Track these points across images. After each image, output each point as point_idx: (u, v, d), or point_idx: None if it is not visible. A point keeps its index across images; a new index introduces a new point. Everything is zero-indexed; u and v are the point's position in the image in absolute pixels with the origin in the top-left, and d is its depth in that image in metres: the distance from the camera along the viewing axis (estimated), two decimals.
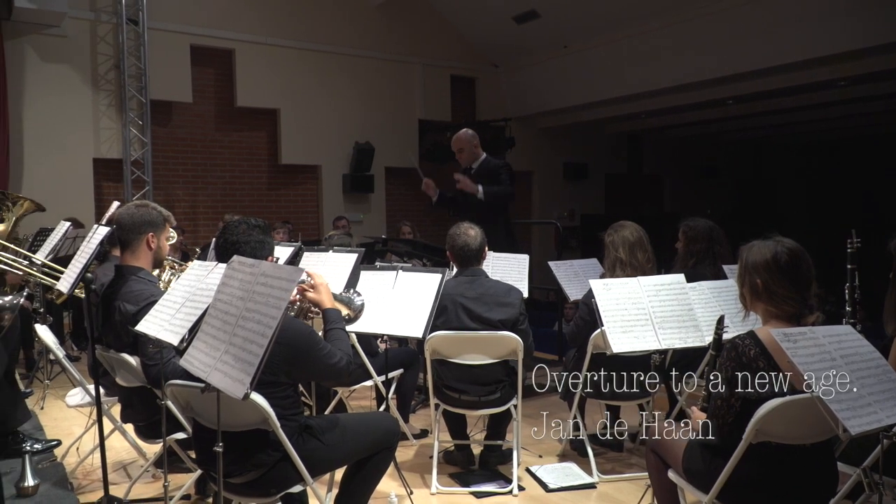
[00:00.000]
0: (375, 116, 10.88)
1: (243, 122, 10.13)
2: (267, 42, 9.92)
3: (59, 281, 3.34)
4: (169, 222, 3.27)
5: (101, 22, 8.80)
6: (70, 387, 4.54)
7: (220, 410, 2.10)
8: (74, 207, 7.77)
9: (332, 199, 10.73)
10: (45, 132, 8.40)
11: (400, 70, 11.20)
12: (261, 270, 2.03)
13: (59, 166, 8.43)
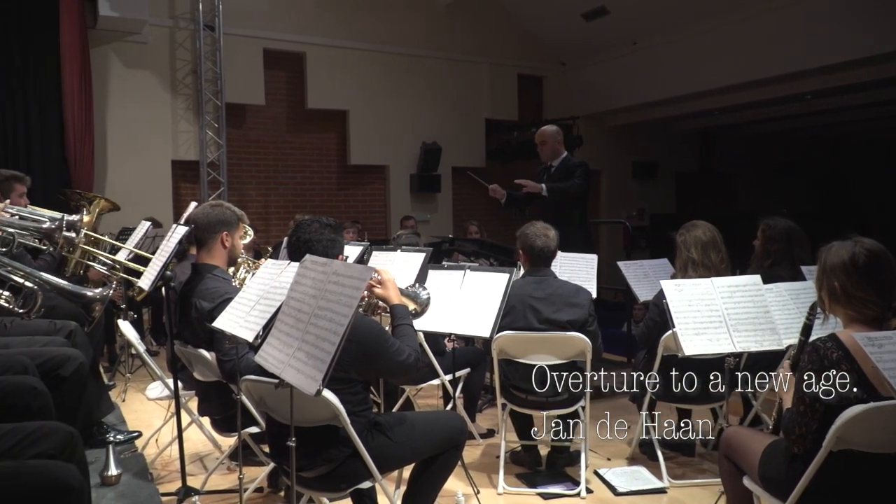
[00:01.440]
0: (443, 116, 10.93)
1: (313, 124, 10.33)
2: (337, 44, 10.09)
3: (141, 278, 3.48)
4: (243, 221, 3.37)
5: (179, 28, 9.13)
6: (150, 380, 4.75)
7: (293, 406, 2.15)
8: (154, 208, 8.09)
9: (400, 198, 10.83)
10: (126, 136, 8.77)
11: (467, 70, 11.22)
12: (333, 269, 2.07)
13: (139, 168, 8.79)
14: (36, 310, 1.87)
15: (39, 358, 2.77)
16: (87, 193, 5.85)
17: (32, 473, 1.72)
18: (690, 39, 9.99)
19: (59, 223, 2.33)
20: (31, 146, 7.93)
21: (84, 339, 3.53)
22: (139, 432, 4.19)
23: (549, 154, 5.64)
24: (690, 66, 10.13)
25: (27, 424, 1.94)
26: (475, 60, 11.24)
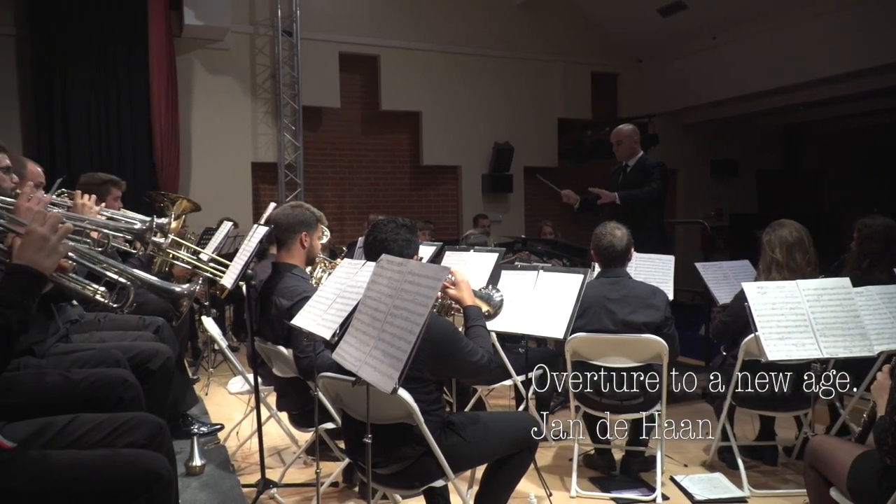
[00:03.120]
0: (515, 116, 10.89)
1: (387, 125, 10.47)
2: (410, 46, 10.19)
3: (224, 277, 3.61)
4: (321, 222, 3.45)
5: (259, 35, 9.42)
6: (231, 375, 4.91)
7: (369, 403, 2.18)
8: (234, 208, 8.37)
9: (472, 199, 10.86)
10: (208, 139, 9.11)
11: (540, 69, 11.14)
12: (408, 269, 2.09)
13: (220, 170, 9.12)
14: (128, 305, 1.96)
15: (130, 352, 2.91)
16: (171, 194, 6.09)
17: (126, 461, 1.81)
18: (772, 32, 9.62)
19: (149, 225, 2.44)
20: (124, 151, 8.35)
21: (171, 334, 3.69)
22: (221, 425, 4.34)
23: (626, 153, 5.56)
24: (773, 59, 9.75)
25: (120, 415, 2.05)
26: (548, 59, 11.16)
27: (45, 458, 1.76)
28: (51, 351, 2.81)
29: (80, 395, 2.33)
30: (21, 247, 1.75)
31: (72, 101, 8.07)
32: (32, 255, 1.73)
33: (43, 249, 1.75)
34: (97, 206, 3.05)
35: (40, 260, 1.74)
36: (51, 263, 1.77)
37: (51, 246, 1.76)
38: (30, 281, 1.72)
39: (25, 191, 2.09)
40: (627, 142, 5.53)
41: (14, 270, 1.72)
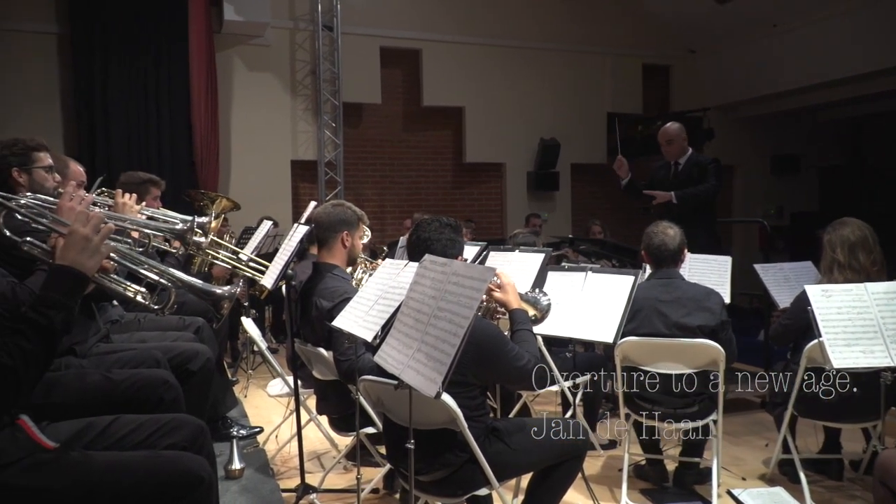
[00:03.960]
0: (562, 111, 10.82)
1: (429, 122, 10.50)
2: (452, 40, 10.21)
3: (264, 277, 3.66)
4: (363, 221, 3.49)
5: (299, 30, 9.55)
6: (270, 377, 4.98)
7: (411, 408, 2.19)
8: (273, 207, 8.49)
9: (516, 197, 10.82)
10: (248, 137, 9.27)
11: (588, 61, 11.05)
12: (452, 269, 2.09)
13: (260, 168, 9.27)
14: (169, 306, 2.01)
15: (170, 353, 2.98)
16: (210, 193, 6.22)
17: (167, 463, 1.86)
18: (837, 19, 9.35)
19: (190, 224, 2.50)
20: (163, 149, 8.56)
21: (210, 335, 3.76)
22: (261, 428, 4.41)
23: (677, 152, 5.64)
24: (837, 48, 9.47)
25: (161, 416, 2.10)
26: (596, 51, 11.05)
27: (88, 459, 1.81)
28: (92, 351, 2.89)
29: (121, 395, 2.39)
30: (64, 247, 1.80)
31: (112, 99, 8.30)
32: (75, 256, 1.78)
33: (86, 250, 1.80)
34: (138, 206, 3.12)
35: (83, 260, 1.79)
36: (93, 264, 1.82)
37: (93, 246, 1.81)
38: (73, 282, 1.77)
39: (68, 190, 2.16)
40: (678, 140, 5.60)
41: (57, 271, 1.78)
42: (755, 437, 4.35)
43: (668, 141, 5.59)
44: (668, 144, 5.60)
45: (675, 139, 5.57)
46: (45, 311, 1.69)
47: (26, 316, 1.69)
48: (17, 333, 1.66)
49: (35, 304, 1.72)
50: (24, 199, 2.01)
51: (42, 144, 2.90)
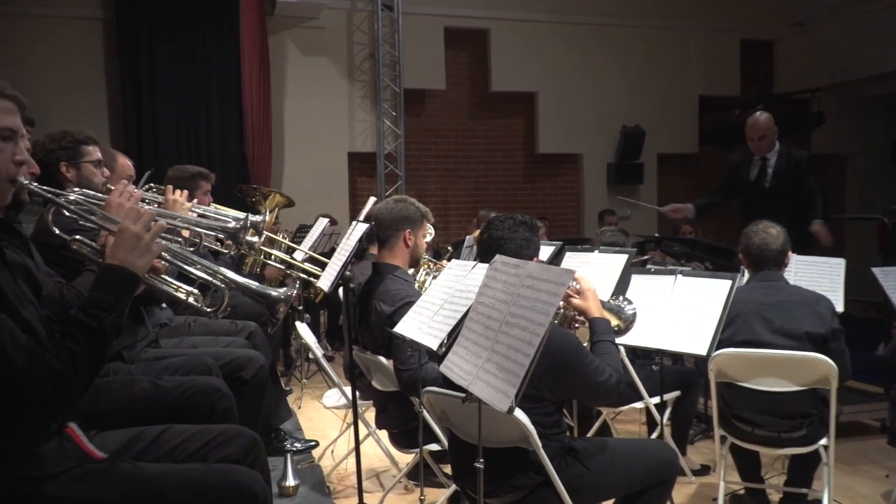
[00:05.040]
0: (647, 95, 10.65)
1: (498, 109, 10.50)
2: (523, 18, 10.18)
3: (320, 278, 3.73)
4: (427, 219, 3.52)
5: (356, 10, 9.69)
6: (326, 387, 5.07)
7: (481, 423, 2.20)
8: (330, 203, 8.65)
9: (595, 191, 10.72)
10: (302, 128, 9.46)
11: (677, 38, 10.84)
12: (526, 272, 2.09)
13: (315, 162, 9.44)
14: (222, 309, 2.07)
15: (222, 359, 3.07)
16: (263, 188, 6.37)
17: (221, 477, 1.92)
18: None
19: (243, 223, 2.57)
20: (212, 141, 8.81)
21: (264, 340, 3.86)
22: (316, 442, 4.49)
23: (768, 147, 5.56)
24: None
25: (213, 427, 2.16)
26: (687, 26, 10.84)
27: (138, 471, 1.88)
28: (140, 356, 3.00)
29: (171, 403, 2.48)
30: (114, 246, 1.88)
31: (159, 87, 8.60)
32: (126, 255, 1.86)
33: (136, 249, 1.87)
34: (189, 203, 3.23)
35: (133, 260, 1.87)
36: (144, 264, 1.89)
37: (144, 245, 1.89)
38: (123, 282, 1.85)
39: (118, 187, 2.24)
40: (771, 134, 5.55)
41: (107, 271, 1.86)
42: (872, 465, 4.21)
43: (760, 136, 5.52)
44: (760, 140, 5.53)
45: (768, 133, 5.50)
46: (95, 313, 1.77)
47: (76, 318, 1.77)
48: (66, 336, 1.74)
49: (84, 306, 1.80)
50: (73, 195, 2.10)
51: (91, 137, 3.03)
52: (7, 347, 1.62)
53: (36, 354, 1.67)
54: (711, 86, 10.98)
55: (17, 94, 1.83)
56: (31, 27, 8.40)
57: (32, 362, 1.65)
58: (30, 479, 1.76)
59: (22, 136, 1.86)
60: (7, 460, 1.74)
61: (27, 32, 8.37)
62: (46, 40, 8.43)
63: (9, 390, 1.63)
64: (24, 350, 1.65)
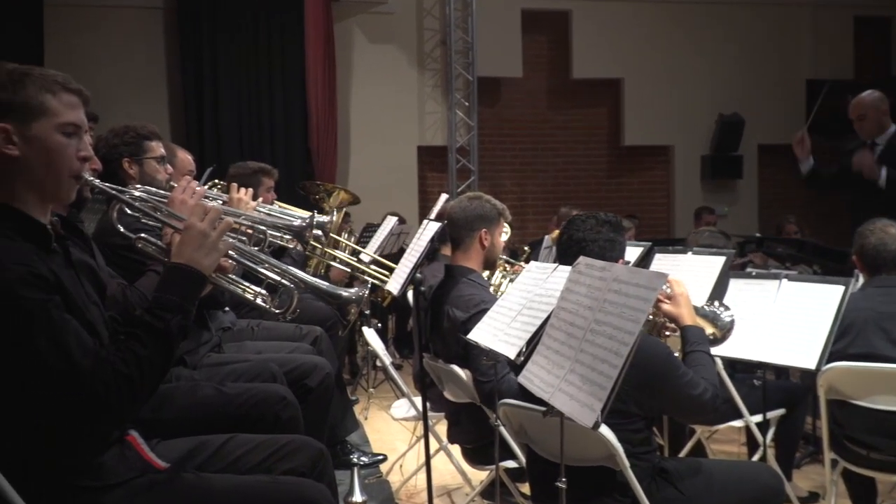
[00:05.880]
0: (746, 80, 10.44)
1: (580, 97, 10.46)
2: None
3: (389, 281, 3.77)
4: (503, 217, 3.51)
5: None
6: (394, 397, 5.13)
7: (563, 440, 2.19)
8: (398, 201, 8.75)
9: (687, 187, 10.58)
10: (369, 120, 9.60)
11: (782, 15, 10.60)
12: (613, 275, 2.08)
13: (382, 156, 9.56)
14: (291, 310, 2.12)
15: (287, 365, 3.13)
16: (328, 185, 6.47)
17: (287, 491, 1.96)
18: None
19: (309, 221, 2.62)
20: (276, 136, 9.03)
21: (329, 346, 3.91)
22: (384, 456, 4.54)
23: (872, 129, 5.32)
24: None
25: (279, 437, 2.21)
26: (793, 2, 10.60)
27: (203, 482, 1.94)
28: (203, 362, 3.09)
29: (235, 411, 2.54)
30: (180, 244, 1.95)
31: (221, 79, 8.87)
32: (192, 253, 1.92)
33: (203, 247, 1.94)
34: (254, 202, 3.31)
35: (200, 258, 1.93)
36: (210, 262, 1.95)
37: (210, 243, 1.95)
38: (189, 281, 1.91)
39: (181, 183, 2.32)
40: (874, 114, 5.31)
41: (172, 270, 1.92)
42: None
43: (859, 116, 5.31)
44: (860, 120, 5.32)
45: (867, 112, 5.28)
46: (161, 314, 1.83)
47: (141, 319, 1.84)
48: (131, 338, 1.80)
49: (150, 307, 1.86)
50: (137, 192, 2.18)
51: (154, 132, 3.14)
52: (72, 349, 1.69)
53: (101, 357, 1.74)
54: (821, 68, 10.66)
55: (80, 88, 1.90)
56: (90, 18, 8.76)
57: (98, 365, 1.71)
58: (91, 489, 1.84)
59: (86, 131, 1.93)
60: (70, 469, 1.81)
61: (86, 24, 8.74)
62: (106, 32, 8.79)
63: (73, 393, 1.69)
64: (89, 352, 1.72)
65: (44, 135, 1.81)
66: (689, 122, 10.44)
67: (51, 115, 1.81)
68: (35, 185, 1.83)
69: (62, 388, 1.69)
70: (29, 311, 1.66)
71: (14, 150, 1.78)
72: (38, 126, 1.80)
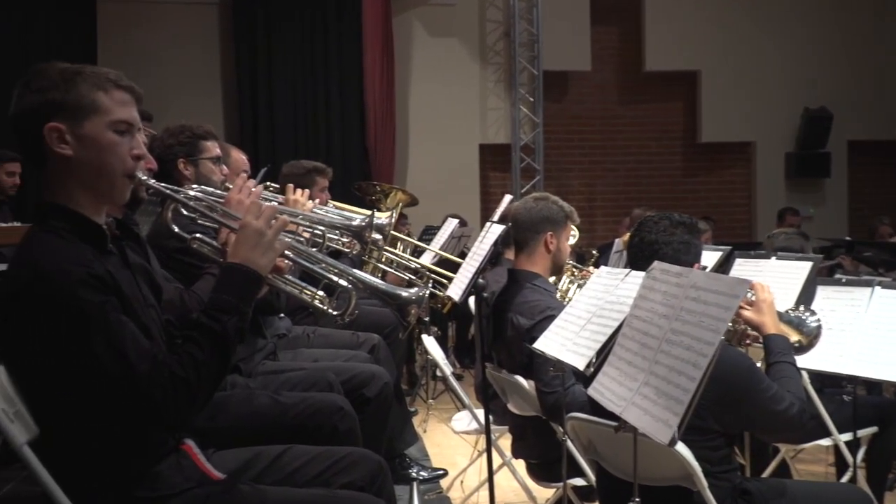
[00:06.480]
0: (835, 71, 10.28)
1: (653, 92, 10.40)
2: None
3: (449, 287, 3.78)
4: (571, 219, 3.50)
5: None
6: (455, 409, 5.14)
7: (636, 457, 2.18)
8: (459, 202, 8.78)
9: (770, 187, 10.44)
10: (429, 117, 9.66)
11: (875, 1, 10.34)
12: (691, 281, 2.05)
13: (442, 155, 9.62)
14: (350, 312, 2.14)
15: (343, 374, 3.16)
16: (384, 185, 6.51)
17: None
18: None
19: (369, 220, 2.65)
20: (331, 133, 9.15)
21: (388, 355, 3.95)
22: (444, 471, 4.55)
23: None
24: None
25: (336, 449, 2.24)
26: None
27: (259, 495, 1.97)
28: (258, 369, 3.15)
29: (291, 421, 2.58)
30: (235, 243, 1.99)
31: (277, 74, 9.05)
32: (248, 253, 1.96)
33: (259, 246, 1.97)
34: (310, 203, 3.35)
35: (256, 258, 1.96)
36: (267, 262, 1.99)
37: (267, 241, 1.98)
38: (245, 282, 1.95)
39: (237, 182, 2.37)
40: None
41: (228, 270, 1.96)
42: None
43: None
44: None
45: None
46: (217, 316, 1.87)
47: (198, 321, 1.89)
48: (188, 341, 1.85)
49: (206, 309, 1.91)
50: (193, 192, 2.23)
51: (210, 132, 3.20)
52: (129, 352, 1.74)
53: (158, 360, 1.78)
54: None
55: (132, 85, 1.94)
56: (144, 15, 9.01)
57: (155, 368, 1.76)
58: (147, 499, 1.88)
59: (139, 129, 1.98)
60: (127, 477, 1.86)
61: (139, 20, 8.99)
62: (159, 28, 9.03)
63: (130, 398, 1.75)
64: (147, 356, 1.77)
65: (96, 133, 1.85)
66: (772, 116, 10.30)
67: (102, 113, 1.85)
68: (89, 185, 1.88)
69: (118, 392, 1.74)
70: (86, 312, 1.71)
71: (67, 149, 1.83)
72: (90, 124, 1.84)
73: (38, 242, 1.82)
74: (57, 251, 1.77)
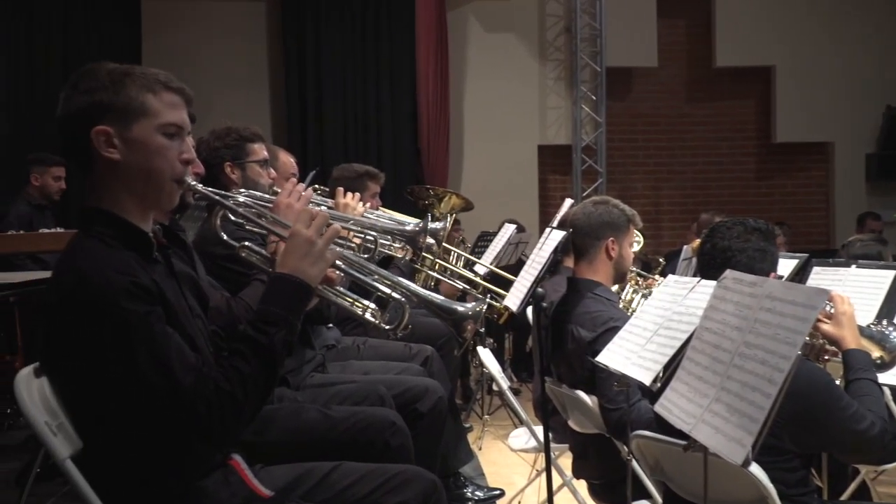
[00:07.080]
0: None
1: (724, 89, 10.31)
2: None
3: (506, 296, 3.78)
4: (634, 224, 3.47)
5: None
6: (512, 426, 5.13)
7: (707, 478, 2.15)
8: (516, 206, 8.77)
9: (850, 189, 10.27)
10: (485, 117, 9.68)
11: None
12: (766, 291, 2.03)
13: (498, 157, 9.64)
14: (402, 327, 2.15)
15: (395, 388, 3.17)
16: (438, 189, 6.53)
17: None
18: None
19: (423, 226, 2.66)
20: (383, 136, 9.22)
21: (441, 368, 3.95)
22: (501, 491, 4.54)
23: None
24: None
25: (388, 466, 2.24)
26: None
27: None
28: (306, 382, 3.17)
29: (341, 437, 2.61)
30: (285, 253, 2.01)
31: (326, 73, 9.15)
32: (297, 263, 1.97)
33: (309, 255, 1.98)
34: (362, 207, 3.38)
35: (306, 268, 1.97)
36: (317, 272, 2.00)
37: (317, 251, 1.99)
38: (295, 293, 1.96)
39: (287, 186, 2.40)
40: None
41: (277, 280, 1.98)
42: None
43: None
44: None
45: None
46: (265, 328, 1.89)
47: (244, 333, 1.91)
48: (234, 354, 1.87)
49: (253, 320, 1.93)
50: (242, 197, 2.26)
51: (257, 134, 3.25)
52: (174, 365, 1.77)
53: (204, 374, 1.81)
54: None
55: (183, 87, 1.97)
56: (189, 14, 9.19)
57: (200, 382, 1.79)
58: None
59: (188, 132, 2.01)
60: (171, 493, 1.89)
61: (184, 20, 9.18)
62: (205, 27, 9.21)
63: (174, 412, 1.77)
64: (192, 369, 1.80)
65: (144, 136, 1.87)
66: (852, 115, 10.13)
67: (151, 116, 1.88)
68: (136, 190, 1.90)
69: (161, 406, 1.76)
70: (130, 323, 1.74)
71: (115, 153, 1.86)
72: (139, 127, 1.87)
73: (81, 249, 1.85)
74: (101, 258, 1.80)
